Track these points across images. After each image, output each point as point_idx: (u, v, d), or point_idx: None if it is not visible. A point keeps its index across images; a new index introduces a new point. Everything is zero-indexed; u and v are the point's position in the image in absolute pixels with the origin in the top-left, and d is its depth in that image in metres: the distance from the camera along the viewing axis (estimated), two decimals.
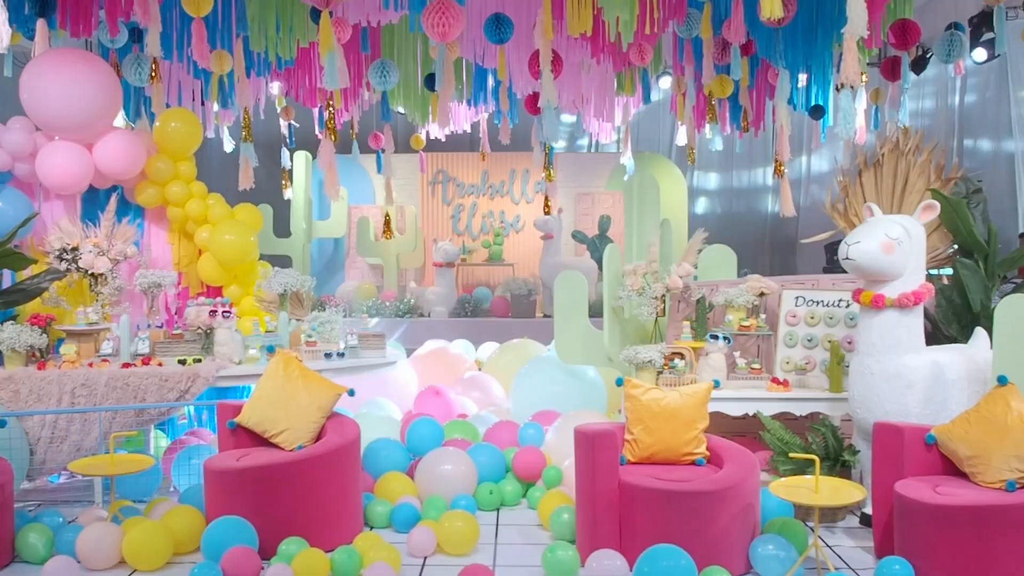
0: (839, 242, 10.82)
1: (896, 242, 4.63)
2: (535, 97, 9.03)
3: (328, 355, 5.46)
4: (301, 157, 10.29)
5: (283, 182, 8.79)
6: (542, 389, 6.27)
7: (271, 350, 5.01)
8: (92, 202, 6.01)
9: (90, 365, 5.20)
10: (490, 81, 8.71)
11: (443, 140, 9.72)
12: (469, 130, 9.51)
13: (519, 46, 8.04)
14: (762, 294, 5.52)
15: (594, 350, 6.01)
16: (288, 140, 9.04)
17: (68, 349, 5.22)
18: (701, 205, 12.66)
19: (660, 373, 5.32)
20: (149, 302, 5.54)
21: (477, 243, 11.15)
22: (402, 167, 10.90)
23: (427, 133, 9.02)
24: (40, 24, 5.80)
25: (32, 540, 4.45)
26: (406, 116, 9.36)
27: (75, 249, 5.58)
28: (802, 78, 7.96)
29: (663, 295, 5.48)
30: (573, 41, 7.75)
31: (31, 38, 6.49)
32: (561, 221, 9.98)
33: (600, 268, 10.39)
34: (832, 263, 10.39)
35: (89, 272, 5.57)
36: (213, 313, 5.28)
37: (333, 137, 5.91)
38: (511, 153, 11.47)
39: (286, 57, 7.06)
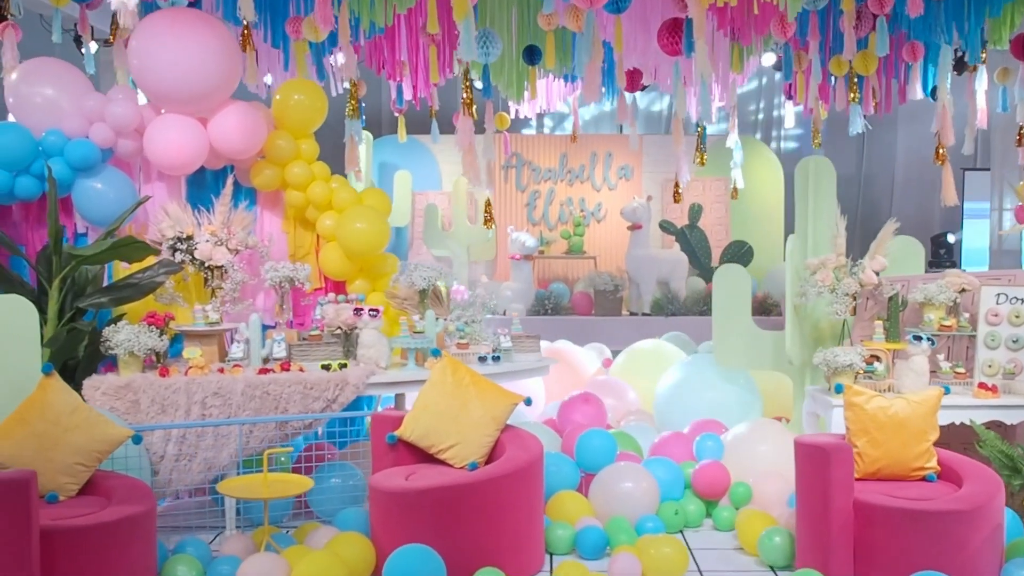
0: (945, 234, 10.61)
1: None
2: (635, 73, 8.75)
3: (482, 359, 5.15)
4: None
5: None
6: (693, 396, 6.00)
7: (436, 354, 4.69)
8: (198, 185, 5.64)
9: (220, 371, 4.85)
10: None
11: (534, 120, 9.40)
12: (566, 109, 9.19)
13: (631, 16, 7.74)
14: (963, 290, 5.26)
15: (757, 352, 5.75)
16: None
17: (193, 352, 4.87)
18: None
19: (856, 378, 5.06)
20: (279, 299, 5.19)
21: (555, 233, 10.82)
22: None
23: (516, 112, 8.69)
24: None
25: (181, 574, 4.13)
26: (482, 93, 9.04)
27: (189, 238, 5.23)
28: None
29: (855, 292, 5.21)
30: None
31: None
32: (650, 210, 9.69)
33: (690, 261, 10.17)
34: (938, 256, 10.21)
35: (206, 265, 5.22)
36: (358, 312, 4.96)
37: (471, 114, 5.59)
38: (592, 135, 11.16)
39: (381, 24, 6.73)
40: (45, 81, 5.28)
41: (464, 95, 5.68)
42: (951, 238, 10.27)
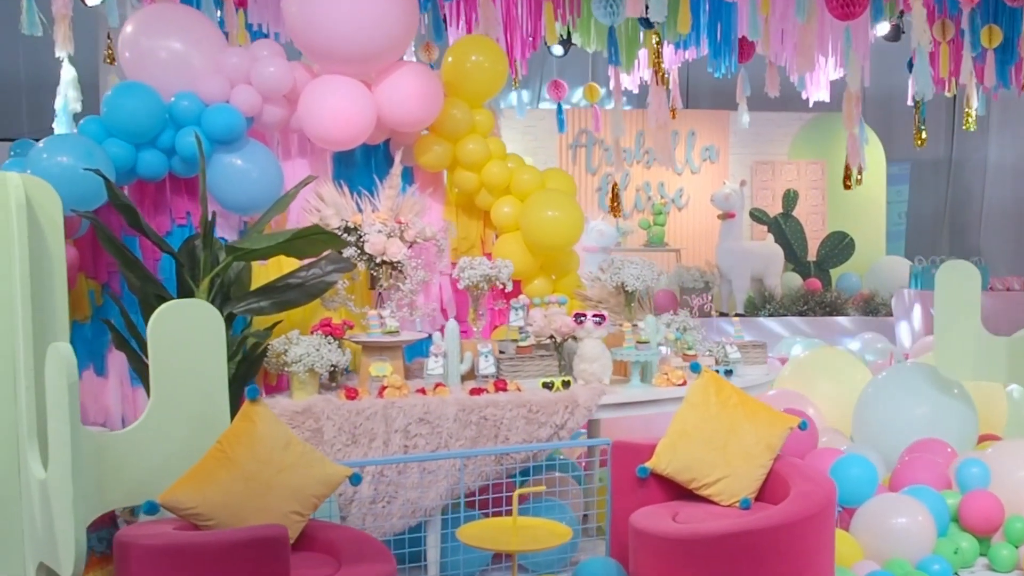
0: None
1: None
2: (748, 43, 8.46)
3: None
4: None
5: None
6: (901, 411, 5.71)
7: (696, 369, 4.27)
8: (346, 163, 5.07)
9: (420, 392, 4.34)
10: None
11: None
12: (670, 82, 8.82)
13: None
14: None
15: (989, 360, 5.49)
16: None
17: (383, 369, 4.34)
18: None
19: None
20: (473, 303, 4.69)
21: (631, 222, 10.41)
22: (537, 124, 10.09)
23: (640, 80, 8.23)
24: None
25: None
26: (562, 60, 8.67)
27: (356, 228, 4.69)
28: None
29: None
30: None
31: None
32: (743, 196, 9.40)
33: (785, 255, 9.92)
34: None
35: (377, 261, 4.68)
36: (580, 319, 4.50)
37: (664, 83, 5.17)
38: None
39: None
40: (171, 33, 4.64)
41: (655, 62, 5.25)
42: None
